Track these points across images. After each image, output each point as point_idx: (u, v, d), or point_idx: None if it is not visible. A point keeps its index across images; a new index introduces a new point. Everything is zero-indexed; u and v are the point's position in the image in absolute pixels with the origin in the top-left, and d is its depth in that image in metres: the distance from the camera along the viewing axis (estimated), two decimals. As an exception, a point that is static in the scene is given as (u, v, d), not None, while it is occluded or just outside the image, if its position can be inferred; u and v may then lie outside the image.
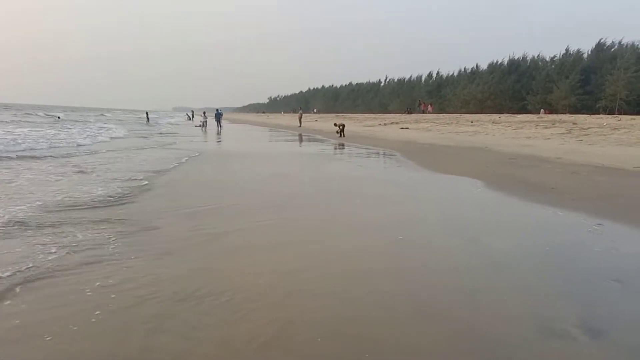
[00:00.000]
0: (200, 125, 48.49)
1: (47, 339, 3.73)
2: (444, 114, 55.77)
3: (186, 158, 17.25)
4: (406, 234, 7.00)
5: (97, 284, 4.81)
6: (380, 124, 41.44)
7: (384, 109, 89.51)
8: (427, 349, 3.67)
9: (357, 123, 47.05)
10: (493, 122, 32.63)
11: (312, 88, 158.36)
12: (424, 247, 6.42)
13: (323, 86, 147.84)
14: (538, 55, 68.01)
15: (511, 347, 3.71)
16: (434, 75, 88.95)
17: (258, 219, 7.81)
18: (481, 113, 54.54)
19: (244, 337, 3.77)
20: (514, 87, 64.80)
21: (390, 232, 7.14)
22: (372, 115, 64.50)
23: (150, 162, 15.58)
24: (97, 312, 4.17)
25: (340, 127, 33.17)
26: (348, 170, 15.10)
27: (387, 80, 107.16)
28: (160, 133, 37.86)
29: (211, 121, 50.19)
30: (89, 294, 4.58)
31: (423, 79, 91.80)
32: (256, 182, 12.05)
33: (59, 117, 57.80)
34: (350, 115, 73.38)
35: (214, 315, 4.15)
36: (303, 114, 57.20)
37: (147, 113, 65.95)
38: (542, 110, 53.92)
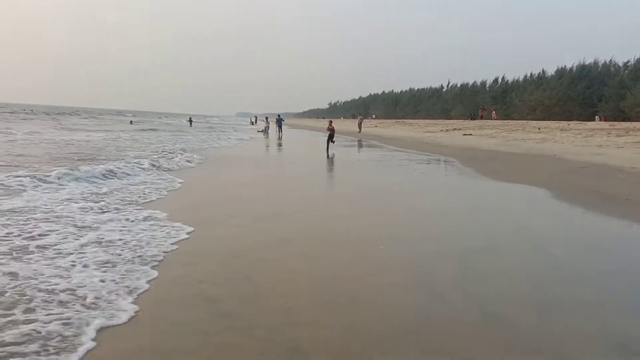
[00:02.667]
0: (262, 131, 49.51)
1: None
2: (510, 120, 54.13)
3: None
4: (465, 244, 6.90)
5: (176, 281, 5.04)
6: (442, 130, 40.75)
7: (446, 114, 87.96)
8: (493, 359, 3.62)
9: (417, 129, 46.53)
10: (562, 130, 31.39)
11: (372, 93, 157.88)
12: (486, 256, 6.29)
13: (383, 91, 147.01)
14: (610, 61, 64.85)
15: (584, 363, 3.59)
16: (499, 80, 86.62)
17: (319, 225, 7.94)
18: (549, 120, 52.55)
19: (320, 340, 3.85)
20: (584, 94, 62.07)
21: (447, 240, 7.06)
22: (434, 121, 63.46)
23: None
24: (174, 310, 4.38)
25: (329, 130, 25.76)
26: (406, 178, 15.00)
27: (450, 85, 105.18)
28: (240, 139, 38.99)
29: (273, 126, 51.05)
30: (174, 291, 4.81)
31: (488, 84, 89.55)
32: (318, 189, 12.21)
33: (131, 122, 61.79)
34: (410, 121, 72.52)
35: (287, 316, 4.26)
36: (363, 120, 57.13)
37: (190, 118, 69.70)
38: (596, 117, 51.36)
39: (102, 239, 6.39)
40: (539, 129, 33.59)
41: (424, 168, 17.76)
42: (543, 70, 73.90)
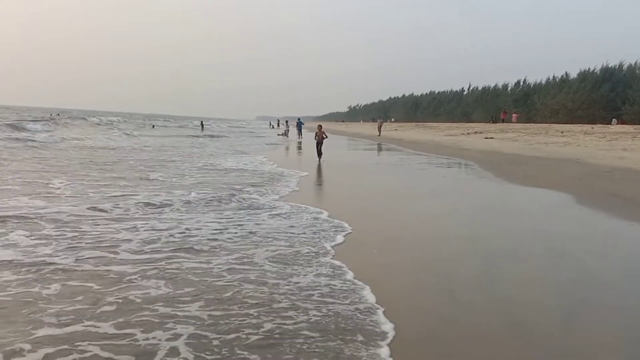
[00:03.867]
0: (282, 134, 49.92)
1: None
2: (532, 124, 53.47)
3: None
4: (482, 248, 6.85)
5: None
6: (463, 134, 40.44)
7: (467, 118, 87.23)
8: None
9: (438, 132, 46.26)
10: (585, 133, 30.92)
11: (392, 97, 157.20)
12: (505, 260, 6.25)
13: (403, 95, 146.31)
14: (635, 63, 63.55)
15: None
16: (521, 83, 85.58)
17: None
18: (572, 123, 51.76)
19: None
20: (608, 97, 60.95)
21: (464, 244, 7.03)
22: (455, 125, 62.96)
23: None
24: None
25: (318, 136, 20.71)
26: (423, 181, 14.94)
27: (471, 88, 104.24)
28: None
29: (293, 130, 51.28)
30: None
31: (509, 87, 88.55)
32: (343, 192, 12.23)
33: (153, 126, 62.23)
34: (431, 124, 72.13)
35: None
36: (382, 123, 57.08)
37: (202, 122, 69.12)
38: (614, 120, 50.35)
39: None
40: (562, 132, 33.14)
41: (443, 172, 17.67)
42: (566, 73, 72.80)
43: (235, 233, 7.17)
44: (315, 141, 20.76)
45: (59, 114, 79.14)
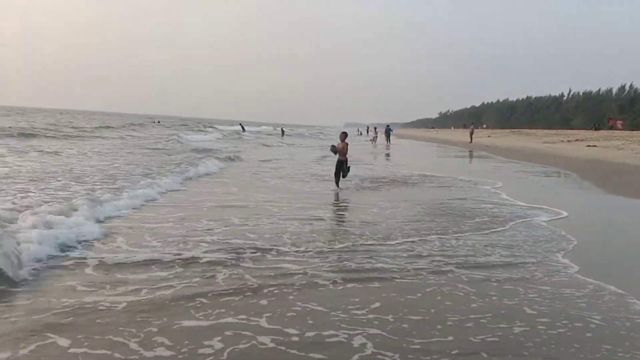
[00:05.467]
0: (371, 140, 49.92)
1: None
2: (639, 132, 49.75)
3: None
4: (586, 261, 6.49)
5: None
6: (562, 141, 38.39)
7: (566, 124, 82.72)
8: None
9: (535, 140, 44.23)
10: (703, 141, 28.29)
11: (485, 102, 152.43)
12: (610, 276, 5.88)
13: (498, 100, 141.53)
14: None
15: None
16: (626, 88, 79.91)
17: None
18: (687, 130, 47.52)
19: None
20: None
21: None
22: (553, 132, 59.89)
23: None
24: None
25: (340, 152, 12.56)
26: (520, 189, 14.36)
27: (571, 93, 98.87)
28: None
29: (381, 136, 51.22)
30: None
31: (614, 92, 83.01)
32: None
33: (243, 130, 63.58)
34: (527, 130, 69.05)
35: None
36: (474, 130, 55.44)
37: (282, 129, 68.52)
38: None
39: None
40: (676, 140, 30.53)
41: (542, 180, 16.87)
42: (681, 76, 67.00)
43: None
44: (337, 159, 12.74)
45: (159, 121, 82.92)
